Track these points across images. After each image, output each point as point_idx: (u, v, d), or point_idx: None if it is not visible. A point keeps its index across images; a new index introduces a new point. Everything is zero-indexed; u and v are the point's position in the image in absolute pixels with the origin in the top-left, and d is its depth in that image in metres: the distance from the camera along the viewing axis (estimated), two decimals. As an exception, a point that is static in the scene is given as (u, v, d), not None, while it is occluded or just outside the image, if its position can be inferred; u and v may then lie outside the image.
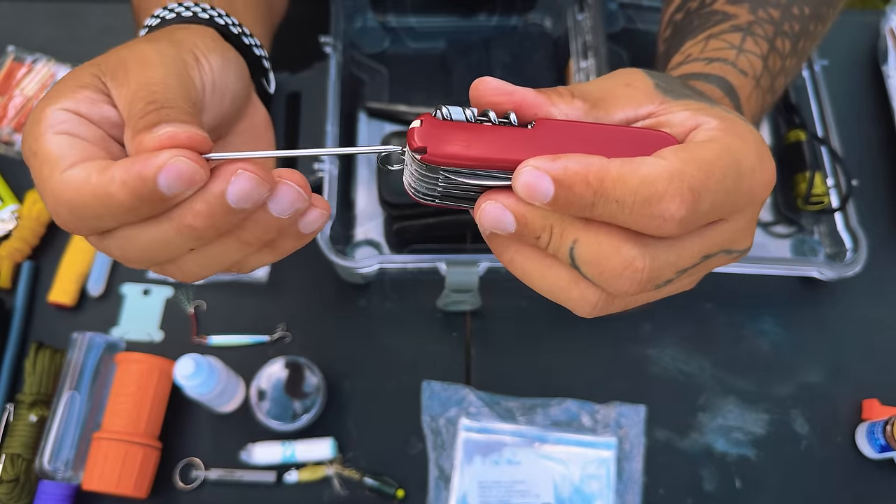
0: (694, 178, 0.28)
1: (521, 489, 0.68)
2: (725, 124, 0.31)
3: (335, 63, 0.73)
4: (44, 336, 0.72)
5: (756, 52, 0.48)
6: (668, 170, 0.27)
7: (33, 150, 0.31)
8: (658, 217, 0.28)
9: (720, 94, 0.44)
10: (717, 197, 0.29)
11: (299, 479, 0.67)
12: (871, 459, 0.70)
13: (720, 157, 0.29)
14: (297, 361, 0.69)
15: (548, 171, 0.27)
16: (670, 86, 0.34)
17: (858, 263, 0.70)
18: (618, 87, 0.33)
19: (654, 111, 0.32)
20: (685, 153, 0.28)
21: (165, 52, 0.35)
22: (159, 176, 0.28)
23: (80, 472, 0.66)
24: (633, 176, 0.27)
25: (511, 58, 0.82)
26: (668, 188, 0.27)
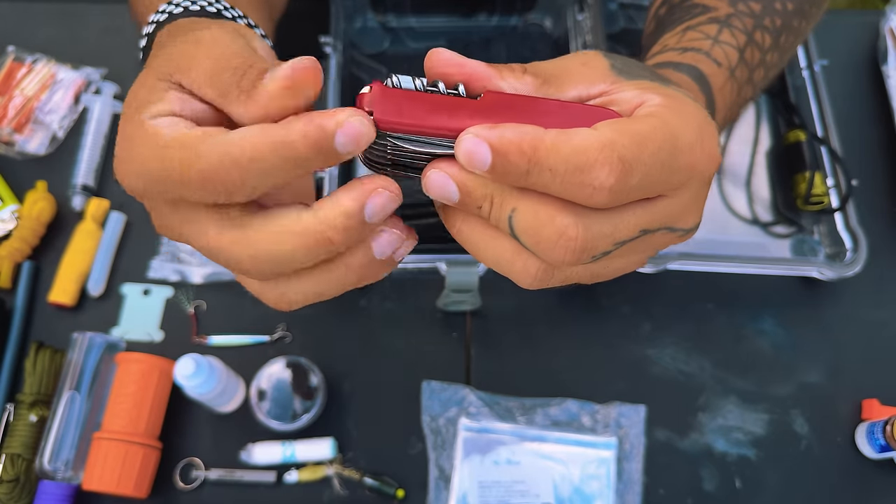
0: (625, 148, 0.28)
1: (520, 489, 0.68)
2: (669, 101, 0.31)
3: (335, 63, 0.73)
4: (44, 336, 0.72)
5: (732, 43, 0.49)
6: (599, 139, 0.28)
7: (161, 144, 0.29)
8: (588, 185, 0.28)
9: (688, 81, 0.44)
10: (651, 169, 0.29)
11: (299, 479, 0.67)
12: (871, 459, 0.70)
13: (655, 130, 0.29)
14: (299, 361, 0.69)
15: (486, 139, 0.28)
16: (627, 67, 0.34)
17: (858, 263, 0.70)
18: (573, 66, 0.34)
19: (606, 90, 0.33)
20: (620, 125, 0.29)
21: (218, 31, 0.34)
22: (338, 133, 0.28)
23: (81, 472, 0.66)
24: (565, 145, 0.28)
25: (511, 58, 0.82)
26: (599, 157, 0.28)
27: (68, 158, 0.79)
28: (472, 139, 0.28)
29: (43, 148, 0.79)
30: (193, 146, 0.28)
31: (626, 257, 0.33)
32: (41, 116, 0.80)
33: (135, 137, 0.30)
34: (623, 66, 0.34)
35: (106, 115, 0.81)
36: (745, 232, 0.77)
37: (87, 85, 0.82)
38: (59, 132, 0.80)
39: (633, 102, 0.32)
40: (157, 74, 0.32)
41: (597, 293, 0.76)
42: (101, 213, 0.76)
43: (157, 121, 0.30)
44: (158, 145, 0.29)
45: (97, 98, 0.81)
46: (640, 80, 0.33)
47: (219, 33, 0.33)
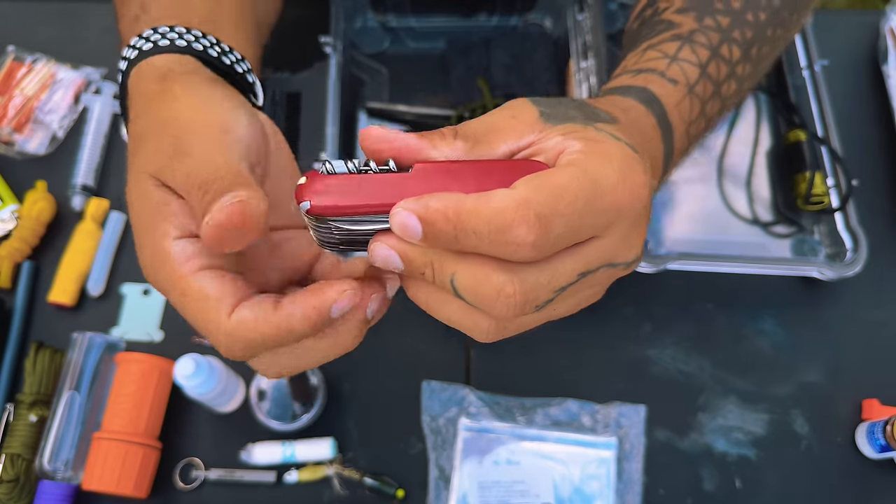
0: (540, 205, 0.29)
1: (520, 489, 0.68)
2: (589, 146, 0.32)
3: (335, 63, 0.73)
4: (44, 336, 0.72)
5: (692, 60, 0.49)
6: (515, 199, 0.29)
7: (180, 289, 0.34)
8: (511, 244, 0.29)
9: (633, 105, 0.44)
10: (571, 218, 0.30)
11: (299, 479, 0.67)
12: (871, 459, 0.70)
13: (572, 181, 0.30)
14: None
15: (413, 211, 0.30)
16: (556, 111, 0.35)
17: (858, 263, 0.70)
18: (502, 120, 0.35)
19: (534, 140, 0.34)
20: (535, 181, 0.30)
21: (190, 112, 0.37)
22: (333, 307, 0.33)
23: (80, 472, 0.66)
24: (485, 208, 0.29)
25: (511, 58, 0.82)
26: (516, 216, 0.29)
27: (68, 158, 0.79)
28: (401, 213, 0.30)
29: (43, 148, 0.79)
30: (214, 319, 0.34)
31: (576, 297, 0.35)
32: (41, 116, 0.80)
33: (156, 261, 0.35)
34: (551, 110, 0.35)
35: (106, 114, 0.81)
36: (746, 232, 0.77)
37: (87, 85, 0.82)
38: (59, 132, 0.80)
39: (556, 150, 0.33)
40: (147, 176, 0.36)
41: (597, 293, 0.75)
42: (101, 213, 0.76)
43: (175, 246, 0.34)
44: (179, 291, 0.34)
45: (97, 98, 0.81)
46: (566, 123, 0.34)
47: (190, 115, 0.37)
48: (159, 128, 0.37)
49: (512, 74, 0.82)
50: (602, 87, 0.50)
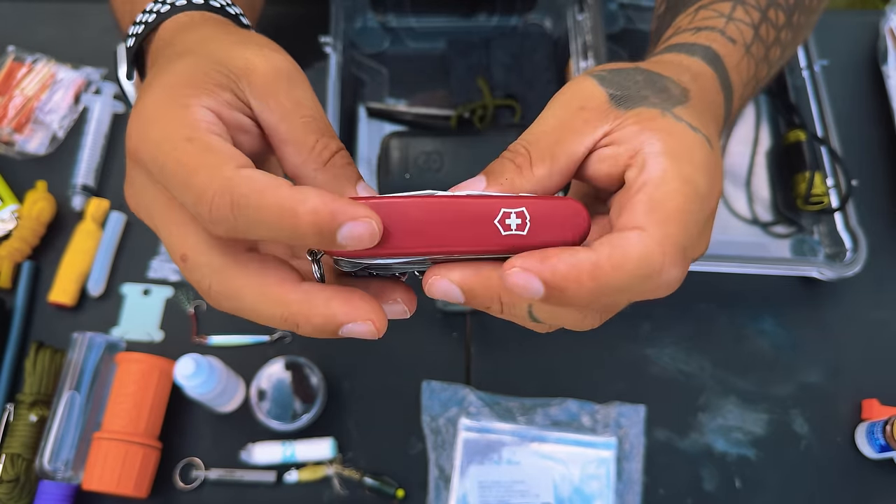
0: (680, 235, 0.28)
1: (520, 489, 0.68)
2: (670, 145, 0.31)
3: (335, 63, 0.73)
4: (44, 336, 0.72)
5: (746, 20, 0.48)
6: (656, 241, 0.28)
7: (186, 134, 0.29)
8: (664, 285, 0.28)
9: (702, 67, 0.43)
10: (696, 233, 0.30)
11: (299, 479, 0.67)
12: (871, 459, 0.70)
13: (686, 196, 0.29)
14: (298, 361, 0.69)
15: (538, 274, 0.27)
16: (625, 91, 0.33)
17: (858, 263, 0.70)
18: (570, 116, 0.33)
19: (609, 130, 0.32)
20: (658, 213, 0.29)
21: (294, 65, 0.34)
22: (345, 225, 0.27)
23: (81, 472, 0.66)
24: (627, 261, 0.27)
25: (511, 58, 0.83)
26: (665, 258, 0.28)
27: (68, 158, 0.79)
28: (519, 274, 0.27)
29: (43, 148, 0.79)
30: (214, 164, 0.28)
31: None
32: (41, 116, 0.80)
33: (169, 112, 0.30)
34: (621, 92, 0.33)
35: (106, 115, 0.81)
36: (745, 232, 0.77)
37: (87, 85, 0.82)
38: (59, 132, 0.80)
39: (634, 145, 0.31)
40: (221, 69, 0.32)
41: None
42: (101, 213, 0.76)
43: (200, 111, 0.30)
44: (184, 135, 0.29)
45: (97, 98, 0.81)
46: (639, 106, 0.33)
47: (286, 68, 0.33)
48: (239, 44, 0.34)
49: (512, 74, 0.82)
50: (661, 42, 0.48)
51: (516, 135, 0.79)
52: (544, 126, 0.33)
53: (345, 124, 0.74)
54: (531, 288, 0.27)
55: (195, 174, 0.28)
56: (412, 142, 0.71)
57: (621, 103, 0.33)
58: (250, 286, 0.29)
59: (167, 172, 0.28)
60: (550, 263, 0.27)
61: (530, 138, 0.32)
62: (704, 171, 0.31)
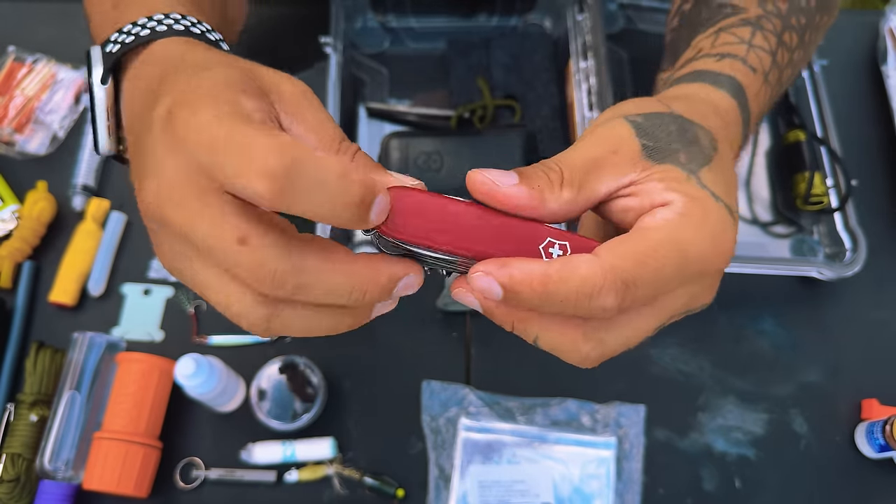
0: (626, 272, 0.30)
1: (520, 489, 0.68)
2: (687, 208, 0.33)
3: (335, 63, 0.73)
4: (44, 336, 0.72)
5: (765, 47, 0.48)
6: (602, 267, 0.30)
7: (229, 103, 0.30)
8: (598, 308, 0.31)
9: (728, 105, 0.43)
10: (656, 283, 0.31)
11: (299, 479, 0.68)
12: (871, 459, 0.70)
13: (658, 248, 0.31)
14: (294, 362, 0.69)
15: (496, 278, 0.30)
16: (659, 144, 0.35)
17: (858, 263, 0.70)
18: (603, 156, 0.34)
19: (635, 179, 0.34)
20: (621, 247, 0.31)
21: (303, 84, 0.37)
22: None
23: (81, 472, 0.66)
24: (572, 276, 0.30)
25: (511, 58, 0.83)
26: (604, 284, 0.30)
27: (69, 158, 0.79)
28: (482, 278, 0.31)
29: (43, 148, 0.80)
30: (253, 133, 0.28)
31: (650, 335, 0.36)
32: (42, 116, 0.80)
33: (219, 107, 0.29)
34: (654, 143, 0.35)
35: (106, 115, 0.81)
36: (745, 232, 0.77)
37: (88, 85, 0.82)
38: (60, 132, 0.80)
39: (654, 200, 0.33)
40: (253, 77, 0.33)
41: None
42: (102, 213, 0.76)
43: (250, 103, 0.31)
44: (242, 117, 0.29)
45: (97, 98, 0.81)
46: (667, 163, 0.34)
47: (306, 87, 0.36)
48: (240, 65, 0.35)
49: (512, 74, 0.82)
50: (683, 63, 0.49)
51: (516, 135, 0.79)
52: (579, 156, 0.34)
53: (345, 124, 0.74)
54: (492, 290, 0.31)
55: (255, 139, 0.27)
56: (412, 142, 0.71)
57: (652, 155, 0.34)
58: (318, 260, 0.30)
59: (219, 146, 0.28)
60: (507, 269, 0.30)
61: (565, 161, 0.34)
62: (709, 241, 0.32)
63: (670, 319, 0.35)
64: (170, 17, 0.39)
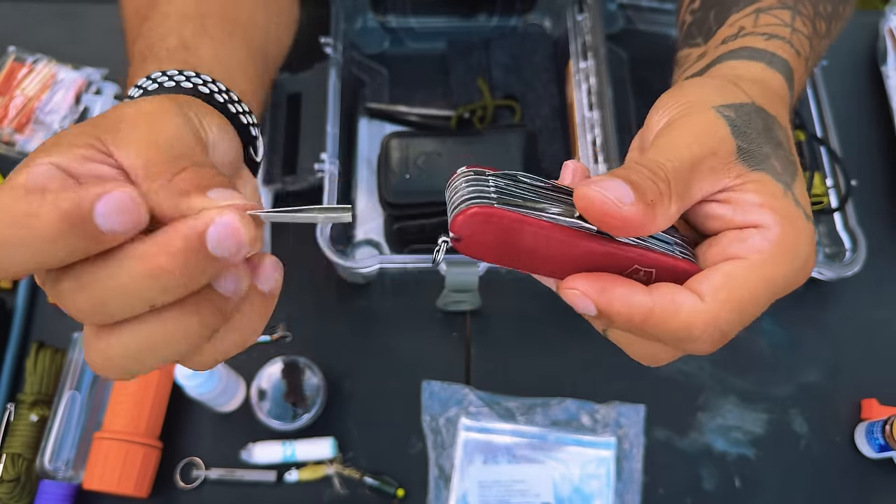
0: (727, 322, 0.30)
1: (520, 489, 0.68)
2: (782, 237, 0.31)
3: (335, 63, 0.73)
4: (45, 336, 0.72)
5: (804, 31, 0.47)
6: (704, 317, 0.30)
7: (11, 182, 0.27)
8: (692, 349, 0.31)
9: (782, 91, 0.41)
10: (749, 319, 0.32)
11: (300, 479, 0.68)
12: (870, 459, 0.70)
13: (759, 293, 0.31)
14: (295, 362, 0.69)
15: (594, 301, 0.30)
16: (752, 146, 0.33)
17: (857, 263, 0.70)
18: (701, 158, 0.32)
19: (729, 185, 0.33)
20: (724, 293, 0.30)
21: (166, 105, 0.32)
22: (97, 204, 0.24)
23: (81, 472, 0.66)
24: (673, 320, 0.30)
25: (511, 58, 0.83)
26: (703, 334, 0.30)
27: (69, 158, 0.79)
28: (580, 297, 0.30)
29: (43, 148, 0.80)
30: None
31: None
32: (42, 117, 0.80)
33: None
34: (748, 145, 0.33)
35: (106, 115, 0.81)
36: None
37: (88, 85, 0.82)
38: (60, 132, 0.80)
39: (749, 218, 0.32)
40: (88, 129, 0.30)
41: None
42: (102, 213, 0.76)
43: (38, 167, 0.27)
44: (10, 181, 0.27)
45: (98, 98, 0.81)
46: (761, 171, 0.33)
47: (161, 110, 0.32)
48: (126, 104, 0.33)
49: (512, 75, 0.82)
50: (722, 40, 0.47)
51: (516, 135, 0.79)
52: (681, 158, 0.32)
53: (345, 124, 0.74)
54: (587, 308, 0.30)
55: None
56: (412, 142, 0.71)
57: (746, 159, 0.33)
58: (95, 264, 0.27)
59: None
60: (607, 297, 0.29)
61: (669, 165, 0.31)
62: (801, 269, 0.32)
63: None
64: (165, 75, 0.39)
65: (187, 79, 0.39)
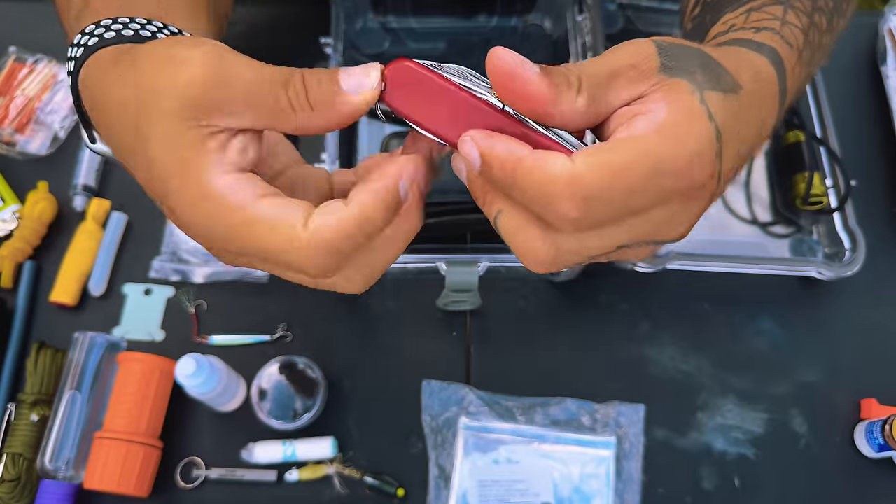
0: (591, 187, 0.29)
1: (520, 488, 0.68)
2: (670, 118, 0.31)
3: (335, 64, 0.73)
4: (45, 336, 0.72)
5: (798, 24, 0.47)
6: (569, 172, 0.29)
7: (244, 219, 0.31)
8: (553, 213, 0.30)
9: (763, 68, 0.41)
10: (619, 202, 0.30)
11: (300, 478, 0.68)
12: (870, 459, 0.70)
13: (632, 162, 0.30)
14: (292, 362, 0.69)
15: (478, 147, 0.31)
16: (680, 63, 0.33)
17: (857, 263, 0.70)
18: (623, 68, 0.33)
19: (646, 91, 0.33)
20: (593, 157, 0.30)
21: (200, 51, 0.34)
22: (400, 183, 0.32)
23: (82, 472, 0.66)
24: (539, 171, 0.30)
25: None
26: (564, 191, 0.29)
27: (69, 159, 0.79)
28: (469, 143, 0.31)
29: (44, 148, 0.80)
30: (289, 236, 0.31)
31: (617, 254, 0.34)
32: (42, 117, 0.80)
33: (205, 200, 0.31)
34: (675, 63, 0.33)
35: (107, 115, 0.81)
36: (744, 232, 0.78)
37: (88, 85, 0.82)
38: (61, 132, 0.80)
39: (644, 108, 0.32)
40: (181, 120, 0.32)
41: (596, 292, 0.76)
42: (102, 213, 0.76)
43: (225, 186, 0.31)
44: (244, 221, 0.31)
45: (98, 98, 0.81)
46: (679, 77, 0.32)
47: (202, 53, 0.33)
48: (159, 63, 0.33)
49: (512, 75, 0.82)
50: (713, 38, 0.47)
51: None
52: (598, 67, 0.33)
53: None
54: (472, 157, 0.31)
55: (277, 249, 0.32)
56: (412, 142, 0.71)
57: (669, 72, 0.33)
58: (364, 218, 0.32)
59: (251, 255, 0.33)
60: (490, 141, 0.31)
61: (585, 69, 0.33)
62: (685, 156, 0.30)
63: (636, 242, 0.33)
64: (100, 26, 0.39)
65: (125, 26, 0.39)
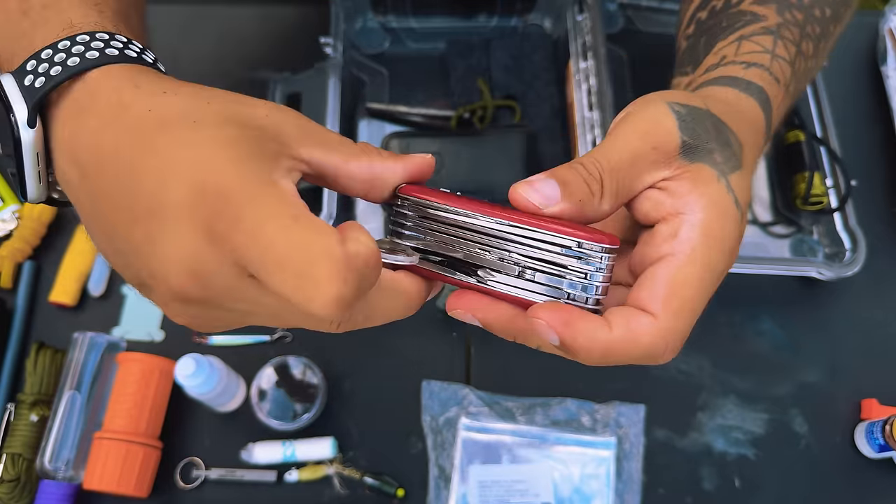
0: (685, 328, 0.32)
1: (520, 488, 0.68)
2: (709, 221, 0.33)
3: (335, 64, 0.73)
4: (45, 336, 0.72)
5: (786, 57, 0.48)
6: (663, 335, 0.31)
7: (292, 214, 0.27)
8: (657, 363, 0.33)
9: (756, 116, 0.43)
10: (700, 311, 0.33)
11: (300, 479, 0.68)
12: (870, 459, 0.70)
13: (702, 285, 0.33)
14: (286, 367, 0.69)
15: (559, 335, 0.31)
16: (698, 142, 0.34)
17: (857, 263, 0.70)
18: (644, 155, 0.33)
19: (668, 176, 0.34)
20: (675, 303, 0.32)
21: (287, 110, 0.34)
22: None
23: (81, 472, 0.66)
24: (634, 349, 0.31)
25: (511, 59, 0.83)
26: (667, 349, 0.32)
27: (69, 159, 0.79)
28: (545, 328, 0.31)
29: (44, 148, 0.80)
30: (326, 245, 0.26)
31: None
32: (42, 117, 0.80)
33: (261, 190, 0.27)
34: (693, 139, 0.34)
35: (107, 115, 0.81)
36: (745, 232, 0.77)
37: (88, 85, 0.82)
38: (60, 132, 0.80)
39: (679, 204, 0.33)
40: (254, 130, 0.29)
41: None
42: (102, 213, 0.76)
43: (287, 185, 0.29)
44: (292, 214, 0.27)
45: (98, 98, 0.81)
46: (702, 162, 0.34)
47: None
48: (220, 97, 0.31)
49: (512, 75, 0.82)
50: (706, 68, 0.48)
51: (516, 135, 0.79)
52: (619, 155, 0.33)
53: (345, 125, 0.74)
54: (550, 337, 0.31)
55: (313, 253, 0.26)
56: (412, 142, 0.72)
57: (688, 154, 0.34)
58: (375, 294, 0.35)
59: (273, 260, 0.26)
60: (571, 331, 0.31)
61: (605, 163, 0.33)
62: (729, 253, 0.34)
63: None
64: (97, 39, 0.33)
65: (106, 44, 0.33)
